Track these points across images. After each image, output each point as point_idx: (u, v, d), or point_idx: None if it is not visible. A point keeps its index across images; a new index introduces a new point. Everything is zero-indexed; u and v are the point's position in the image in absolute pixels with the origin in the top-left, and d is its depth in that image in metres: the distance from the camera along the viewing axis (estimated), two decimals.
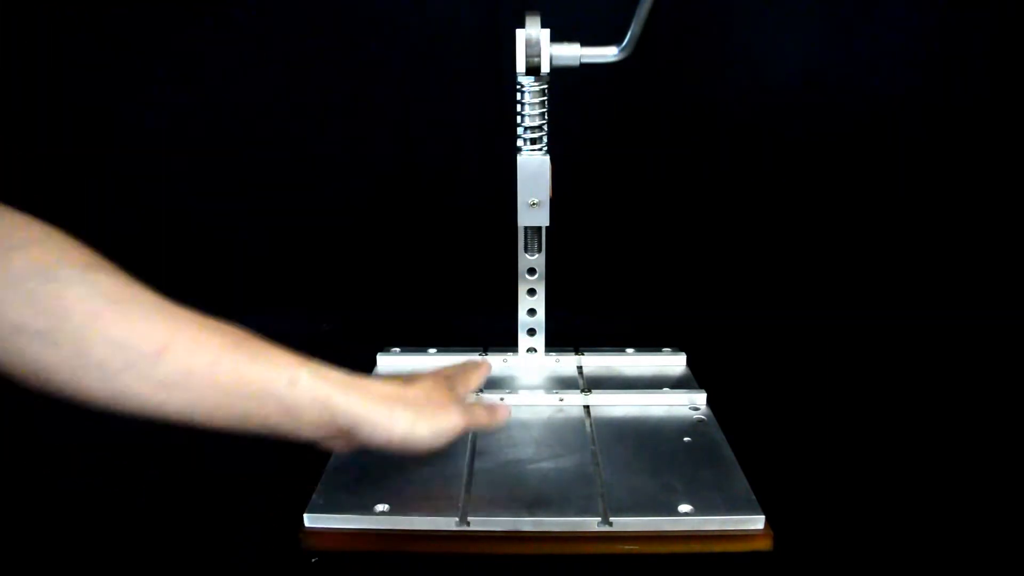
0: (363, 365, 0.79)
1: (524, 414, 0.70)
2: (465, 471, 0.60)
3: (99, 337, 0.41)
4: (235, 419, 0.45)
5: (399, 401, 0.49)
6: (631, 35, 0.66)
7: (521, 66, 0.66)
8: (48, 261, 0.41)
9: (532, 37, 0.65)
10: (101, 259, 0.44)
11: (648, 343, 0.82)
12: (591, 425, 0.68)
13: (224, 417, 0.44)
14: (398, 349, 0.82)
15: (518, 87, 0.69)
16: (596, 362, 0.80)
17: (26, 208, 0.45)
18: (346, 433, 0.48)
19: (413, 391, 0.51)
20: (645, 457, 0.62)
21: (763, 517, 0.54)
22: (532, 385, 0.74)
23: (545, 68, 0.66)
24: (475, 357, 0.79)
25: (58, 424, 0.74)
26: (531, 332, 0.79)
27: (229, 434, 0.45)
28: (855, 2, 0.92)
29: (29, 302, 0.39)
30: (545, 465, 0.61)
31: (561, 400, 0.71)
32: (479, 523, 0.54)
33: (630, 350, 0.81)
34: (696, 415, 0.69)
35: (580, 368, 0.79)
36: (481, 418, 0.55)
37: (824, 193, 0.99)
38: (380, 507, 0.55)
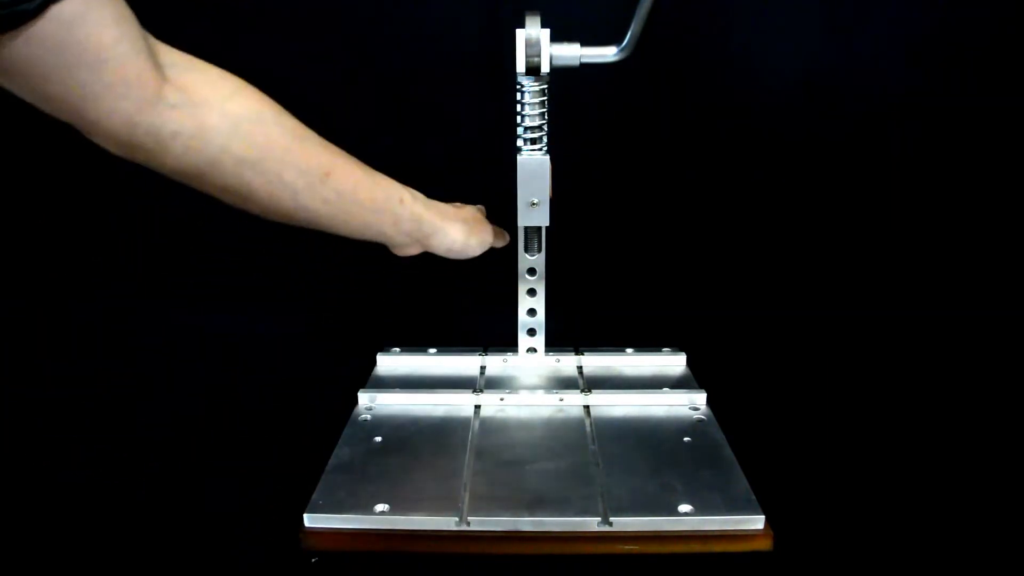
0: (363, 365, 0.79)
1: (524, 414, 0.70)
2: (465, 471, 0.60)
3: (291, 165, 0.53)
4: (361, 227, 0.61)
5: (458, 218, 0.67)
6: (631, 35, 0.66)
7: (521, 66, 0.66)
8: (254, 106, 0.52)
9: (532, 37, 0.65)
10: (279, 105, 0.54)
11: (648, 343, 0.82)
12: (591, 425, 0.68)
13: (355, 225, 0.60)
14: (398, 349, 0.82)
15: (518, 87, 0.69)
16: (596, 362, 0.80)
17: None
18: (425, 238, 0.65)
19: (465, 212, 0.68)
20: (645, 457, 0.62)
21: (763, 517, 0.54)
22: (532, 385, 0.74)
23: (545, 68, 0.66)
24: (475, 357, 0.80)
25: (58, 423, 0.74)
26: (531, 332, 0.79)
27: (344, 240, 0.61)
28: (854, 2, 0.92)
29: (247, 139, 0.50)
30: (545, 465, 0.61)
31: (561, 400, 0.71)
32: (479, 523, 0.54)
33: (630, 350, 0.81)
34: (696, 415, 0.69)
35: (580, 368, 0.79)
36: (498, 239, 0.73)
37: (824, 192, 0.99)
38: (380, 507, 0.55)
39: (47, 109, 0.44)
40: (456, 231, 0.66)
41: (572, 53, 0.67)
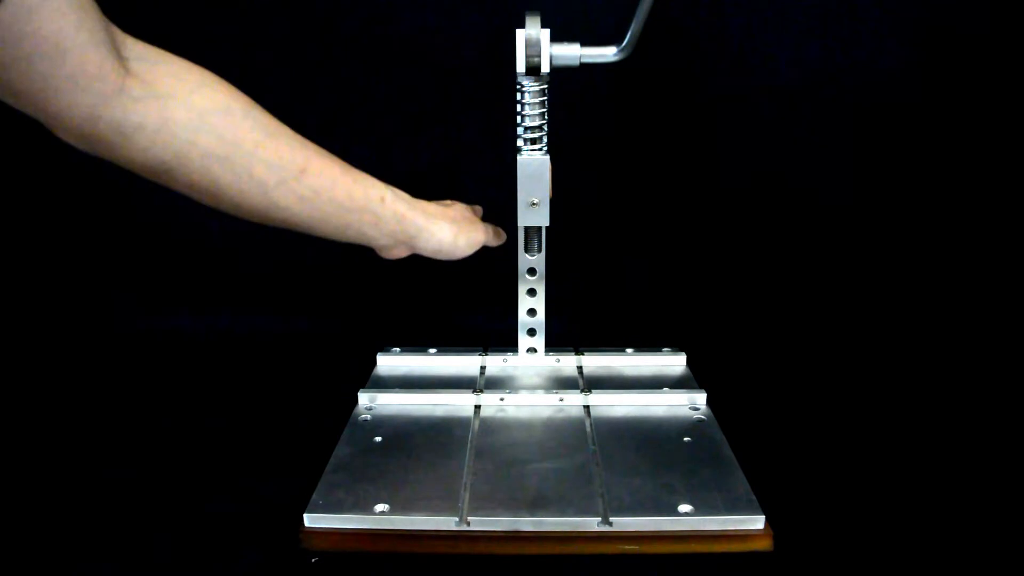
0: (363, 365, 0.79)
1: (524, 414, 0.70)
2: (465, 471, 0.60)
3: (261, 160, 0.51)
4: (340, 227, 0.58)
5: (445, 218, 0.64)
6: (631, 35, 0.66)
7: (521, 66, 0.66)
8: (222, 99, 0.51)
9: (532, 37, 0.65)
10: (250, 99, 0.53)
11: (648, 343, 0.82)
12: (591, 425, 0.68)
13: (334, 225, 0.58)
14: (398, 349, 0.82)
15: (518, 87, 0.69)
16: (596, 362, 0.80)
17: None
18: (409, 239, 0.63)
19: (453, 211, 0.66)
20: (645, 457, 0.62)
21: (763, 517, 0.54)
22: (532, 385, 0.74)
23: (545, 68, 0.66)
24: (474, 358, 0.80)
25: (57, 423, 0.74)
26: (531, 332, 0.79)
27: (327, 241, 0.59)
28: (854, 2, 0.92)
29: (214, 133, 0.49)
30: (545, 465, 0.61)
31: (561, 400, 0.71)
32: (479, 523, 0.54)
33: (630, 350, 0.81)
34: (696, 415, 0.69)
35: (580, 368, 0.79)
36: (492, 238, 0.70)
37: (824, 192, 0.99)
38: (380, 507, 0.55)
39: (11, 102, 0.44)
40: (443, 231, 0.64)
41: (572, 53, 0.67)
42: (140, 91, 0.46)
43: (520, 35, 0.65)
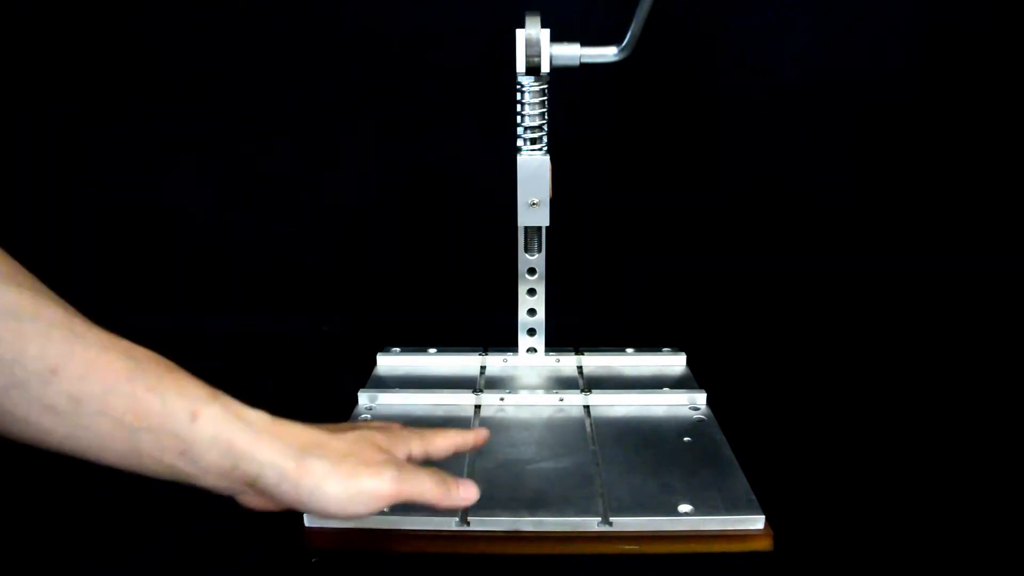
0: (363, 365, 0.79)
1: (524, 414, 0.70)
2: (465, 471, 0.60)
3: None
4: (126, 454, 0.39)
5: (314, 450, 0.42)
6: (631, 35, 0.66)
7: (521, 66, 0.66)
8: None
9: (532, 37, 0.65)
10: (16, 269, 0.40)
11: (648, 343, 0.82)
12: (591, 425, 0.68)
13: (116, 452, 0.39)
14: (398, 349, 0.82)
15: (518, 87, 0.69)
16: (596, 362, 0.80)
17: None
18: (253, 483, 0.41)
19: (336, 441, 0.43)
20: (645, 457, 0.62)
21: (763, 517, 0.54)
22: (532, 385, 0.74)
23: (545, 68, 0.66)
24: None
25: None
26: (531, 332, 0.79)
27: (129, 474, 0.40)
28: (854, 2, 0.92)
29: None
30: (545, 465, 0.61)
31: (561, 400, 0.71)
32: (479, 523, 0.54)
33: (630, 350, 0.81)
34: (696, 415, 0.69)
35: (580, 368, 0.79)
36: (426, 491, 0.44)
37: (823, 192, 0.99)
38: None
39: None
40: (302, 472, 0.41)
41: (572, 53, 0.67)
42: None
43: (520, 35, 0.65)
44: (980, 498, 0.61)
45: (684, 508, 0.55)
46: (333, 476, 0.41)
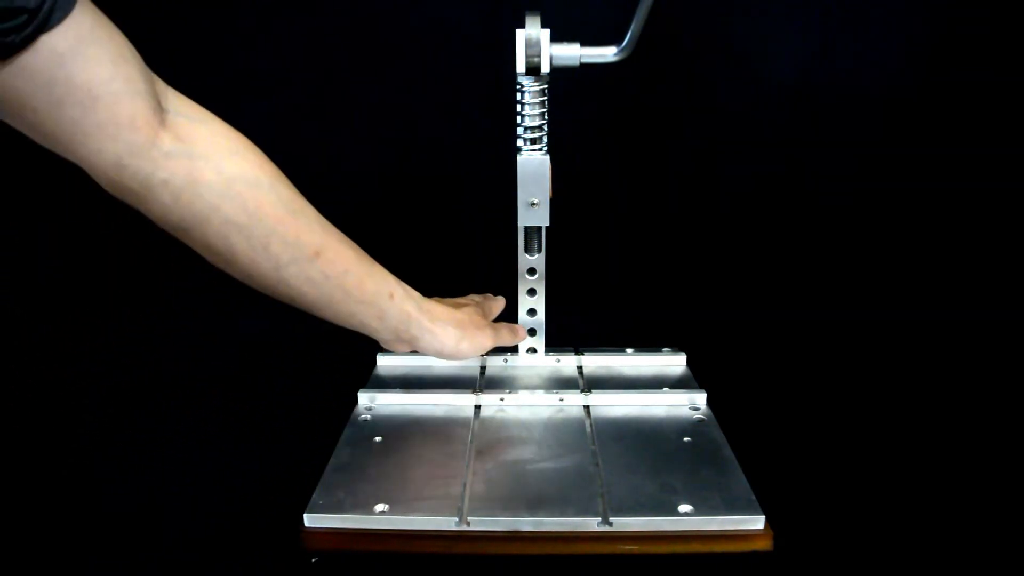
0: (363, 365, 0.79)
1: (524, 414, 0.70)
2: (465, 471, 0.60)
3: (279, 236, 0.51)
4: (345, 314, 0.58)
5: (451, 322, 0.64)
6: (631, 35, 0.66)
7: (521, 66, 0.66)
8: (252, 169, 0.51)
9: (532, 37, 0.65)
10: (280, 172, 0.54)
11: (648, 343, 0.82)
12: (591, 425, 0.68)
13: (339, 311, 0.57)
14: None
15: (518, 87, 0.69)
16: (596, 362, 0.80)
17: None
18: (412, 339, 0.63)
19: (460, 315, 0.66)
20: (645, 457, 0.62)
21: (763, 517, 0.54)
22: (532, 385, 0.74)
23: (545, 68, 0.66)
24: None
25: (58, 422, 0.74)
26: (531, 332, 0.79)
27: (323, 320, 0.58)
28: (854, 2, 0.92)
29: (238, 201, 0.49)
30: (545, 465, 0.61)
31: (561, 400, 0.71)
32: (479, 523, 0.54)
33: (630, 350, 0.81)
34: (696, 415, 0.69)
35: (580, 368, 0.79)
36: (505, 338, 0.71)
37: (823, 192, 0.99)
38: (380, 507, 0.55)
39: (39, 141, 0.44)
40: (446, 336, 0.64)
41: (572, 53, 0.67)
42: (172, 147, 0.47)
43: (520, 35, 0.65)
44: (979, 498, 0.61)
45: (684, 508, 0.55)
46: (464, 340, 0.65)
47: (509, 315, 0.79)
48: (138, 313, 0.99)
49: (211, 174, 0.48)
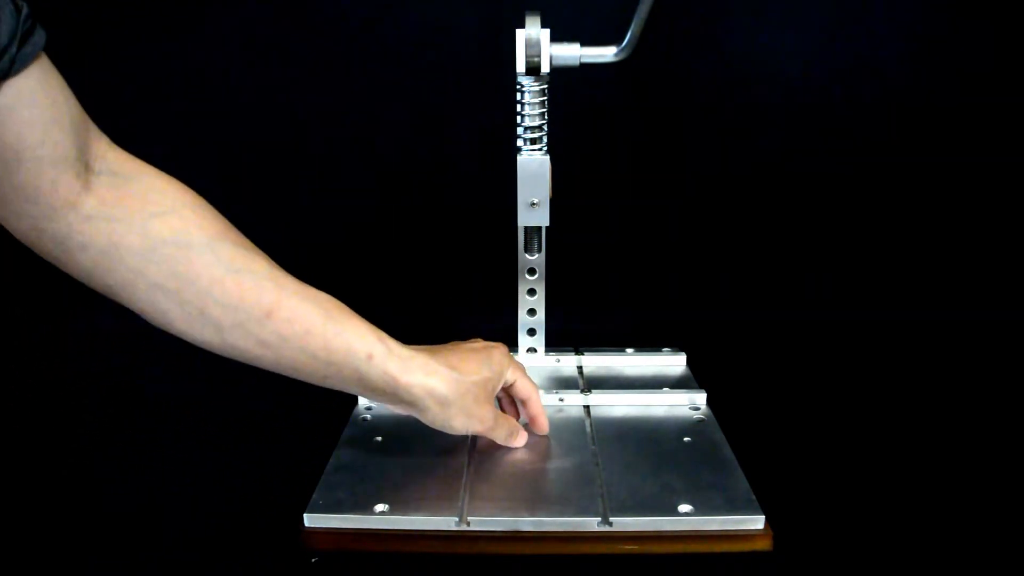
0: None
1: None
2: (465, 471, 0.60)
3: (217, 300, 0.47)
4: (316, 378, 0.53)
5: (447, 394, 0.55)
6: (631, 35, 0.66)
7: (521, 66, 0.66)
8: (183, 229, 0.47)
9: (532, 37, 0.65)
10: (228, 227, 0.50)
11: (648, 343, 0.82)
12: (591, 425, 0.68)
13: (308, 374, 0.52)
14: None
15: (518, 87, 0.69)
16: (596, 362, 0.80)
17: None
18: (404, 408, 0.56)
19: (463, 385, 0.56)
20: (645, 457, 0.62)
21: (763, 517, 0.54)
22: None
23: (545, 68, 0.66)
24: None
25: (58, 422, 0.74)
26: (531, 332, 0.79)
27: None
28: (854, 2, 0.92)
29: (165, 265, 0.46)
30: (545, 465, 0.61)
31: (561, 400, 0.71)
32: (479, 523, 0.54)
33: (630, 350, 0.81)
34: (696, 415, 0.69)
35: (580, 368, 0.79)
36: (499, 435, 0.61)
37: (823, 192, 0.99)
38: (380, 507, 0.55)
39: None
40: (435, 412, 0.56)
41: (572, 53, 0.67)
42: (93, 210, 0.44)
43: (520, 35, 0.65)
44: (979, 498, 0.61)
45: (684, 508, 0.55)
46: (457, 417, 0.56)
47: (509, 315, 0.79)
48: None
49: (134, 237, 0.45)
